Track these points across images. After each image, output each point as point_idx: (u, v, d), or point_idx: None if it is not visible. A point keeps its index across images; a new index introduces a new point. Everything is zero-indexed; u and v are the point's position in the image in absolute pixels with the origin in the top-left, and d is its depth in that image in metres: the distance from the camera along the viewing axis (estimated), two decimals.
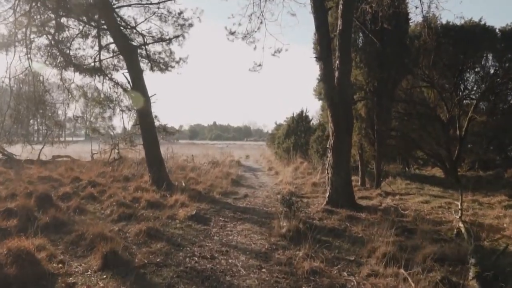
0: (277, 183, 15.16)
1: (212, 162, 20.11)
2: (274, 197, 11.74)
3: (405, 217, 8.69)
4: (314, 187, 13.38)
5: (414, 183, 14.72)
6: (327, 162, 9.96)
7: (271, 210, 9.53)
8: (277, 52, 11.11)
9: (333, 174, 9.66)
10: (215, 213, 9.03)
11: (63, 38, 14.43)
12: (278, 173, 18.38)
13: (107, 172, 14.61)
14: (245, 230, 7.59)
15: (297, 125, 21.59)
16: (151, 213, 8.80)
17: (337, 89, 9.53)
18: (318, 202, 10.82)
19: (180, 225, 7.78)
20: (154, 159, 12.33)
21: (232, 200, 11.02)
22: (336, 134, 9.58)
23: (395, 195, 12.20)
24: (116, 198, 9.65)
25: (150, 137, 12.33)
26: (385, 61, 12.05)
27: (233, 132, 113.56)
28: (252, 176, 17.85)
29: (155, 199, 9.94)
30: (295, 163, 19.54)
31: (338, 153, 9.62)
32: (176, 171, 16.43)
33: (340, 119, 9.54)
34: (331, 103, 9.50)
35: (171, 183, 12.36)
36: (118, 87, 14.20)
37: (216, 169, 17.46)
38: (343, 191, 9.65)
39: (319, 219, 8.57)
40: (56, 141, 14.84)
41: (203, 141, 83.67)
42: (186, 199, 10.13)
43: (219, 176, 15.64)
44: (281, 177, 16.32)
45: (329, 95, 9.53)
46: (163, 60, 15.34)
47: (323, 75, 9.54)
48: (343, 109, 9.58)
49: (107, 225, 7.39)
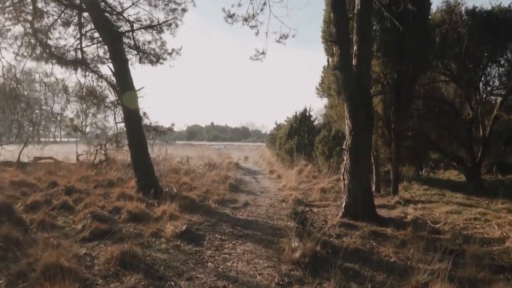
0: (280, 188, 13.62)
1: (209, 165, 18.55)
2: (279, 206, 10.20)
3: (441, 234, 7.16)
4: (323, 194, 11.84)
5: (432, 189, 13.21)
6: (343, 166, 8.43)
7: (278, 224, 7.98)
8: (282, 38, 9.59)
9: (351, 180, 8.13)
10: (210, 229, 7.46)
11: (42, 26, 12.90)
12: (280, 177, 16.84)
13: (90, 176, 13.02)
14: (248, 252, 6.03)
15: (300, 124, 20.06)
16: (132, 227, 7.25)
17: (356, 78, 8.01)
18: (331, 213, 9.28)
19: (166, 245, 6.22)
20: (141, 161, 10.77)
21: (231, 210, 9.45)
22: (354, 133, 8.06)
23: (416, 203, 10.68)
24: (92, 209, 8.08)
25: (136, 136, 10.77)
26: (406, 50, 10.55)
27: (231, 133, 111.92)
28: (252, 180, 16.30)
29: (139, 209, 8.39)
30: (299, 165, 18.00)
31: (357, 155, 8.09)
32: (169, 174, 14.86)
33: (359, 114, 8.02)
34: (350, 95, 7.98)
35: (160, 189, 10.79)
36: (102, 81, 12.64)
37: (212, 172, 15.91)
38: (362, 201, 8.12)
39: (337, 236, 7.02)
40: (31, 141, 13.23)
41: (201, 142, 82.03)
42: (176, 210, 8.59)
43: (216, 181, 14.09)
44: (285, 181, 14.78)
45: (347, 85, 8.00)
46: (153, 51, 13.78)
47: (340, 61, 8.01)
48: (363, 102, 8.07)
49: (72, 247, 5.85)
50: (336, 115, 13.03)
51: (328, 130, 17.60)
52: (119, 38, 10.97)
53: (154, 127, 12.16)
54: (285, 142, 20.03)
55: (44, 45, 12.28)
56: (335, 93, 11.91)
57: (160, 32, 13.22)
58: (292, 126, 20.21)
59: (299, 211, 6.85)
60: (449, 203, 10.74)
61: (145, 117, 12.34)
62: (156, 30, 13.21)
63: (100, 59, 13.51)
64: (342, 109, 12.07)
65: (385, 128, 11.63)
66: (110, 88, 12.45)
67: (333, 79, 11.74)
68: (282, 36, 9.52)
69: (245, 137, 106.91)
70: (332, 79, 11.81)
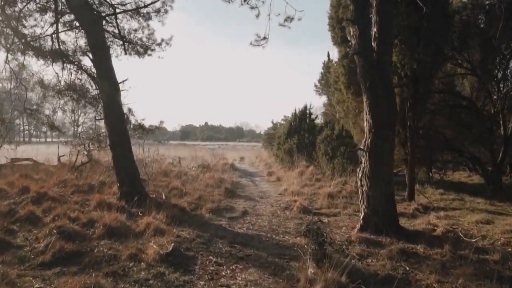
0: (281, 193, 12.29)
1: (202, 166, 17.18)
2: (283, 215, 8.87)
3: (487, 254, 5.86)
4: (330, 199, 10.53)
5: (448, 192, 11.96)
6: (360, 169, 7.12)
7: (285, 240, 6.64)
8: (287, 21, 8.25)
9: (371, 186, 6.83)
10: (202, 248, 6.10)
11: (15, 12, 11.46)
12: (280, 179, 15.52)
13: (69, 180, 11.62)
14: (251, 284, 4.69)
15: (300, 123, 18.76)
16: (107, 247, 5.90)
17: (377, 65, 6.72)
18: (344, 223, 7.99)
19: (146, 273, 4.87)
20: (124, 164, 9.40)
21: (227, 221, 8.09)
22: (375, 130, 6.76)
23: (436, 210, 9.42)
24: (62, 222, 6.71)
25: (118, 135, 9.40)
26: (426, 37, 9.28)
27: (225, 133, 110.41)
28: (249, 183, 14.96)
29: (118, 222, 7.03)
30: (299, 166, 16.69)
31: (378, 156, 6.80)
32: (158, 177, 13.48)
33: (381, 107, 6.73)
34: (370, 85, 6.68)
35: (146, 195, 9.44)
36: (82, 73, 11.23)
37: (206, 175, 14.55)
38: (384, 211, 6.83)
39: (359, 257, 5.70)
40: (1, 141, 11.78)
41: (195, 142, 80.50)
42: (163, 222, 7.26)
43: (210, 184, 12.73)
44: (285, 185, 13.46)
45: (366, 73, 6.70)
46: (140, 41, 12.40)
47: (359, 44, 6.71)
48: (385, 93, 6.77)
49: (24, 278, 4.50)
50: (343, 112, 11.76)
51: (331, 129, 16.32)
52: (98, 22, 9.58)
53: (140, 125, 10.75)
54: (284, 141, 18.72)
55: (17, 33, 10.86)
56: (343, 87, 10.64)
57: (148, 19, 11.85)
58: (291, 124, 18.90)
59: (313, 226, 5.51)
60: (475, 210, 9.49)
61: (130, 113, 10.98)
62: (143, 17, 11.84)
63: (81, 50, 12.08)
64: (352, 105, 10.80)
65: (399, 125, 10.36)
66: (91, 81, 11.05)
67: (342, 71, 10.47)
68: (286, 18, 8.18)
69: (240, 137, 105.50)
70: (340, 71, 10.55)
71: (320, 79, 23.71)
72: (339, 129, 15.93)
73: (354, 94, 10.38)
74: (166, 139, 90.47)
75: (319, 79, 24.21)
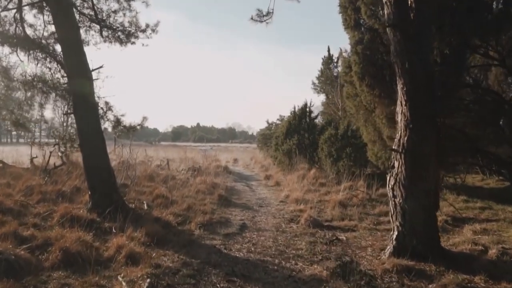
0: (283, 200, 10.75)
1: (193, 169, 15.56)
2: (290, 230, 7.31)
3: None
4: (342, 209, 9.02)
5: (472, 200, 10.52)
6: (392, 175, 5.59)
7: (298, 269, 5.04)
8: None
9: (407, 197, 5.31)
10: (190, 283, 4.51)
11: None
12: (279, 184, 13.97)
13: (38, 186, 9.95)
14: None
15: (300, 121, 17.24)
16: (58, 284, 4.30)
17: (416, 42, 5.20)
18: (366, 242, 6.46)
19: None
20: (96, 167, 7.78)
21: (222, 239, 6.47)
22: (413, 126, 5.24)
23: (468, 221, 7.97)
24: (4, 245, 5.10)
25: (90, 133, 7.78)
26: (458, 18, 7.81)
27: (217, 134, 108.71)
28: (246, 189, 13.38)
29: (82, 244, 5.43)
30: (300, 169, 15.17)
31: (417, 159, 5.28)
32: (142, 182, 11.84)
33: (420, 95, 5.22)
34: (409, 66, 5.15)
35: (124, 205, 7.84)
36: (52, 61, 9.59)
37: (197, 179, 12.96)
38: (424, 230, 5.31)
39: None
40: None
41: (186, 143, 78.66)
42: (141, 242, 5.69)
43: (201, 190, 11.14)
44: (286, 191, 11.93)
45: (403, 51, 5.18)
46: (122, 26, 10.80)
47: (394, 13, 5.19)
48: (425, 79, 5.26)
49: None
50: (354, 107, 10.25)
51: (335, 128, 14.83)
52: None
53: (119, 121, 9.12)
54: (283, 142, 17.17)
55: None
56: (356, 78, 9.12)
57: None
58: (290, 123, 17.36)
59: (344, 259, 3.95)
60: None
61: (107, 108, 9.34)
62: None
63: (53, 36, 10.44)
64: (366, 99, 9.31)
65: None
66: (61, 70, 9.41)
67: (355, 59, 8.96)
68: None
69: (232, 138, 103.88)
70: (353, 59, 9.03)
71: (319, 75, 22.23)
72: (344, 128, 14.45)
73: (369, 86, 8.89)
74: (157, 140, 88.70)
75: (318, 76, 22.73)
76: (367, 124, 10.58)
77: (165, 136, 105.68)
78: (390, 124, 9.11)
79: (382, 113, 9.14)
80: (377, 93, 8.94)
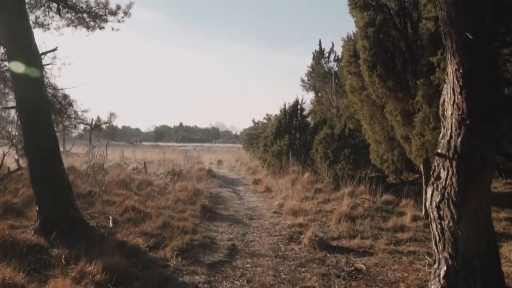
0: (276, 211, 9.25)
1: (173, 173, 13.92)
2: (291, 253, 5.81)
3: None
4: (350, 223, 7.56)
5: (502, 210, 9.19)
6: (437, 189, 4.14)
7: None
8: None
9: (460, 220, 3.88)
10: None
11: None
12: (270, 190, 12.47)
13: None
14: None
15: (291, 120, 15.77)
16: None
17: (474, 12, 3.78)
18: (395, 274, 5.00)
19: None
20: (45, 176, 6.12)
21: (206, 273, 4.87)
22: (471, 122, 3.81)
23: (502, 238, 6.64)
24: None
25: (37, 132, 6.12)
26: None
27: (201, 134, 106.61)
28: (232, 196, 11.83)
29: None
30: (292, 173, 13.71)
31: (474, 168, 3.85)
32: (113, 190, 10.14)
33: (482, 81, 3.79)
34: (465, 43, 3.72)
35: (82, 224, 6.21)
36: None
37: (177, 185, 11.36)
38: (484, 264, 3.88)
39: None
40: None
41: (169, 143, 76.51)
42: (93, 283, 4.09)
43: (181, 199, 9.56)
44: (279, 198, 10.46)
45: (460, 19, 3.74)
46: (87, 6, 9.15)
47: None
48: (486, 58, 3.85)
49: None
50: (360, 102, 8.82)
51: (331, 127, 13.43)
52: None
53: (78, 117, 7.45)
54: (272, 143, 15.67)
55: None
56: (365, 67, 7.68)
57: None
58: (280, 122, 15.87)
59: None
60: None
61: (66, 102, 7.66)
62: None
63: None
64: (377, 92, 7.87)
65: None
66: None
67: (365, 45, 7.52)
68: None
69: (216, 138, 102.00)
70: (362, 44, 7.59)
71: (310, 71, 20.81)
72: (341, 126, 13.06)
73: (381, 77, 7.49)
74: (139, 140, 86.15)
75: (308, 72, 21.31)
76: (373, 121, 9.18)
77: (147, 136, 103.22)
78: (405, 122, 7.72)
79: (395, 109, 7.73)
80: (391, 85, 7.53)
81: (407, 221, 7.79)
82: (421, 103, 7.04)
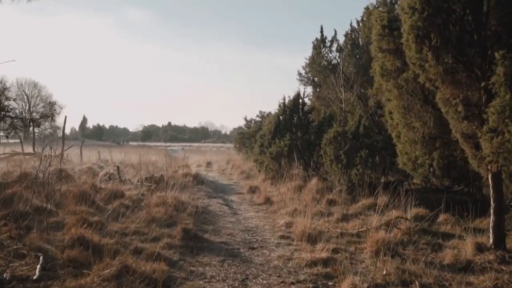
0: (284, 235, 6.96)
1: (151, 179, 11.54)
2: None
3: None
4: (397, 259, 5.30)
5: None
6: None
7: None
8: None
9: None
10: None
11: None
12: (270, 201, 10.17)
13: None
14: None
15: (291, 117, 13.53)
16: None
17: None
18: None
19: None
20: None
21: None
22: None
23: None
24: None
25: None
26: None
27: (189, 133, 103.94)
28: (224, 210, 9.50)
29: None
30: (294, 178, 11.45)
31: None
32: (69, 206, 7.67)
33: None
34: None
35: None
36: None
37: (155, 196, 9.02)
38: None
39: None
40: None
41: (157, 143, 73.69)
42: None
43: (156, 219, 7.19)
44: (285, 214, 8.22)
45: None
46: None
47: None
48: None
49: None
50: (397, 90, 6.59)
51: (342, 125, 11.22)
52: None
53: None
54: (270, 143, 13.39)
55: None
56: (413, 38, 5.41)
57: None
58: (279, 119, 13.59)
59: None
60: None
61: None
62: None
63: None
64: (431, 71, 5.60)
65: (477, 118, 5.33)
66: None
67: (415, 3, 5.27)
68: None
69: (205, 137, 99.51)
70: (408, 2, 5.35)
71: (309, 63, 18.56)
72: (354, 123, 10.86)
73: (435, 51, 5.28)
74: (126, 140, 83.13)
75: (307, 64, 19.07)
76: (409, 116, 6.97)
77: (135, 136, 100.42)
78: (468, 114, 5.50)
79: (455, 97, 5.50)
80: (450, 61, 5.30)
81: (469, 252, 5.58)
82: (500, 85, 4.81)
